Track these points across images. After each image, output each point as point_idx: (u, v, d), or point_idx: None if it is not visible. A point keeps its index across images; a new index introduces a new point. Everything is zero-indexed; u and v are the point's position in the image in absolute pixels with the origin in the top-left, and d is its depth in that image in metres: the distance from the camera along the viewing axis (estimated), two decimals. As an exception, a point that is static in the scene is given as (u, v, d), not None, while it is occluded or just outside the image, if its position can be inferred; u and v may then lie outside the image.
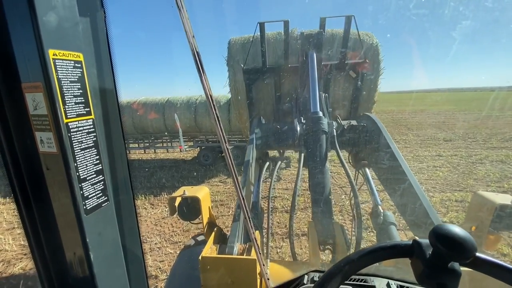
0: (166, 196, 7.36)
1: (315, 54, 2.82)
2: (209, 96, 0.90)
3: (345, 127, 2.44)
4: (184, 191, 1.68)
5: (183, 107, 10.20)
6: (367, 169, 2.50)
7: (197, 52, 0.82)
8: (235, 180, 0.99)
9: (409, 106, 37.53)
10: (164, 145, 11.14)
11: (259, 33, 3.39)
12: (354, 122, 2.51)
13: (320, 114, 2.28)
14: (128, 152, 0.95)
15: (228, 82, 5.04)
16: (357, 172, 2.59)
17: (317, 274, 1.22)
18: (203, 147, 10.67)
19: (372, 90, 4.55)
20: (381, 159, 2.18)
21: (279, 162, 2.64)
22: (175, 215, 1.68)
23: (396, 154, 2.02)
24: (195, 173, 9.66)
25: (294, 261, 2.01)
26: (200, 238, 2.00)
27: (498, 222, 1.51)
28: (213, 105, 0.91)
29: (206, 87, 0.87)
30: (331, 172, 8.44)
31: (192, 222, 1.71)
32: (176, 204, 1.67)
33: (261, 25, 3.24)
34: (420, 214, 1.61)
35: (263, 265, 1.16)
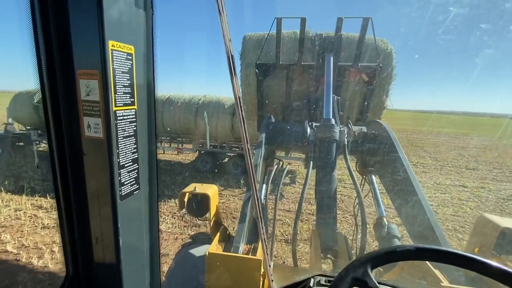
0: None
1: (332, 58, 2.94)
2: (238, 98, 1.01)
3: (356, 134, 2.53)
4: (195, 187, 1.80)
5: (184, 106, 10.08)
6: (373, 178, 2.58)
7: (231, 56, 0.93)
8: (253, 181, 1.09)
9: (425, 127, 37.78)
10: (163, 145, 10.95)
11: (274, 31, 3.51)
12: (364, 129, 2.61)
13: (333, 121, 2.40)
14: (157, 145, 1.05)
15: (240, 77, 5.22)
16: (363, 180, 2.69)
17: (323, 278, 1.30)
18: (202, 152, 10.33)
19: (382, 96, 4.76)
20: (389, 168, 2.26)
21: (287, 166, 2.75)
22: (183, 210, 1.80)
23: (405, 164, 2.09)
24: (189, 180, 9.37)
25: (296, 267, 2.12)
26: (200, 237, 2.13)
27: (502, 245, 1.60)
28: (240, 106, 1.02)
29: (236, 89, 0.98)
30: (341, 194, 8.27)
31: (199, 218, 1.83)
32: (186, 199, 1.77)
33: (278, 21, 3.37)
34: (424, 227, 1.71)
35: (269, 266, 1.25)
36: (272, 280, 1.24)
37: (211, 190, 1.82)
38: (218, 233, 1.68)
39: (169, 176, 9.76)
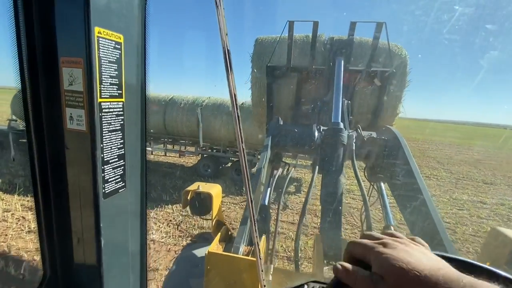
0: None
1: (342, 61, 2.94)
2: (233, 95, 0.97)
3: (365, 139, 2.51)
4: (199, 186, 1.84)
5: (186, 107, 9.97)
6: (382, 185, 2.56)
7: (228, 50, 0.90)
8: (246, 181, 1.06)
9: (436, 137, 36.99)
10: (165, 146, 10.84)
11: (287, 34, 3.54)
12: (374, 134, 2.59)
13: (341, 125, 2.38)
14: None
15: (250, 79, 5.26)
16: (371, 187, 2.68)
17: (318, 285, 1.28)
18: (205, 155, 10.20)
19: (396, 101, 4.68)
20: (398, 176, 2.23)
21: (293, 169, 2.75)
22: (186, 208, 1.83)
23: (415, 172, 2.07)
24: (188, 185, 8.82)
25: (297, 272, 2.13)
26: (203, 237, 2.17)
27: None
28: (236, 104, 0.99)
29: (232, 86, 0.95)
30: (350, 207, 7.91)
31: (201, 217, 1.86)
32: (189, 197, 1.80)
33: (290, 24, 3.41)
34: (433, 239, 1.66)
35: (262, 270, 1.22)
36: (265, 286, 1.21)
37: (215, 189, 1.85)
38: (219, 233, 1.70)
39: (169, 179, 9.59)
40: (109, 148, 0.81)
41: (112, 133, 0.81)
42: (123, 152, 0.86)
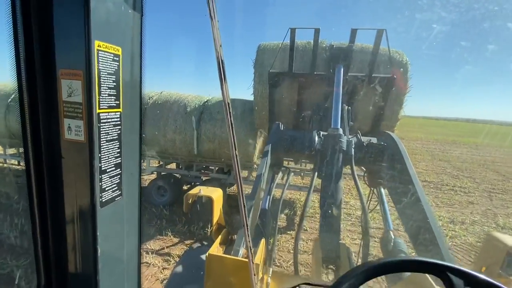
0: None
1: (342, 68, 3.04)
2: (227, 104, 1.01)
3: (364, 144, 2.57)
4: (200, 190, 1.89)
5: None
6: (382, 190, 2.63)
7: (222, 61, 0.94)
8: (239, 185, 1.09)
9: (439, 135, 34.32)
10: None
11: (288, 40, 3.65)
12: (374, 140, 2.64)
13: (340, 131, 2.44)
14: (142, 150, 1.03)
15: (253, 85, 5.38)
16: (371, 192, 2.73)
17: (309, 287, 1.34)
18: (162, 173, 7.29)
19: (396, 107, 4.81)
20: (396, 182, 2.30)
21: (292, 174, 2.83)
22: (188, 212, 1.88)
23: (413, 178, 2.12)
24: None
25: (296, 275, 2.18)
26: (205, 241, 2.22)
27: (510, 265, 1.59)
28: (230, 112, 1.02)
29: (225, 95, 0.98)
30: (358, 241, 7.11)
31: (202, 221, 1.91)
32: (190, 201, 1.85)
33: (292, 31, 3.54)
34: (431, 245, 1.73)
35: (254, 274, 1.26)
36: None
37: (216, 193, 1.91)
38: (220, 236, 1.76)
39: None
40: (107, 158, 0.82)
41: (110, 143, 0.83)
42: (119, 161, 0.88)
